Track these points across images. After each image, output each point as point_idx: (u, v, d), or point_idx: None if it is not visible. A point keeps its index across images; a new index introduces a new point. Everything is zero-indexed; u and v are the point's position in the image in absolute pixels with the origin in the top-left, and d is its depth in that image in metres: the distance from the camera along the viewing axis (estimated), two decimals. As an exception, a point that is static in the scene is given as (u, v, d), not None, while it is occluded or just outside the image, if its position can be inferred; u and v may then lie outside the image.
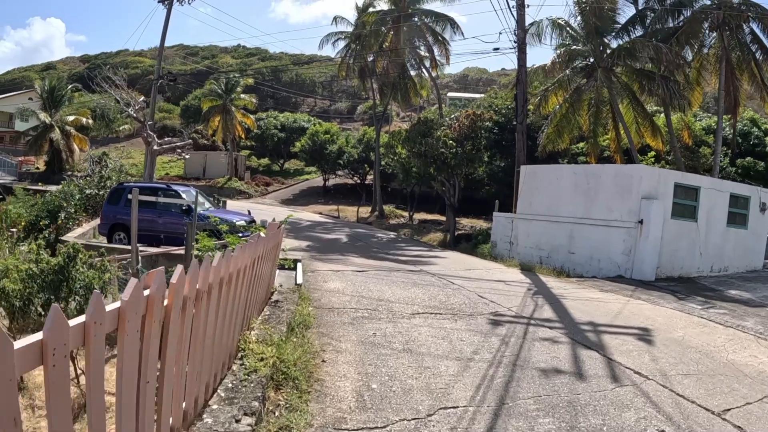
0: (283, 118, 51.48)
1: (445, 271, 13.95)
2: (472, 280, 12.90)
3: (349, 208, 33.87)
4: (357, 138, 42.44)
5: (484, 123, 24.26)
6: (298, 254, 15.14)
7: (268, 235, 6.96)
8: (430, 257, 17.01)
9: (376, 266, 14.02)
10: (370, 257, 15.64)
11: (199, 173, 44.40)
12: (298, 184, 45.44)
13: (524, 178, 19.15)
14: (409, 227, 28.58)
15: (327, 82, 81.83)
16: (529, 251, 18.32)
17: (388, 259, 15.71)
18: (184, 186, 16.29)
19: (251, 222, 14.34)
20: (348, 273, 12.39)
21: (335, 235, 21.49)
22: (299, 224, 24.98)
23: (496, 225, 19.98)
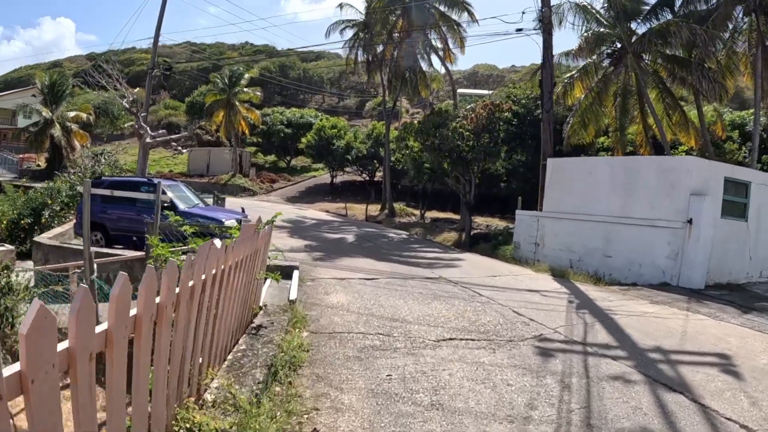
0: (290, 113, 49.51)
1: (467, 278, 11.96)
2: (500, 290, 10.89)
3: (357, 206, 31.88)
4: (366, 133, 40.44)
5: (503, 114, 22.20)
6: (298, 257, 13.19)
7: (240, 238, 4.98)
8: (447, 260, 14.99)
9: (387, 272, 12.01)
10: (380, 260, 13.64)
11: (203, 170, 42.57)
12: (305, 182, 43.49)
13: (551, 173, 17.11)
14: (421, 226, 26.56)
15: (335, 78, 79.88)
16: (557, 254, 16.32)
17: (400, 262, 13.71)
18: (171, 181, 14.33)
19: (243, 221, 12.39)
20: (355, 282, 10.39)
21: (342, 234, 19.51)
22: (304, 222, 23.01)
23: (520, 224, 17.96)
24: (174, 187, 12.85)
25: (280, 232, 18.57)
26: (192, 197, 13.16)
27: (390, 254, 15.17)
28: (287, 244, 15.41)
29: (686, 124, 22.85)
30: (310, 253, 13.94)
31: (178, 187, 13.08)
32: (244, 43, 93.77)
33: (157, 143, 21.19)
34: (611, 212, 15.02)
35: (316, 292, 9.06)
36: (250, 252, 5.59)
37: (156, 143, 21.11)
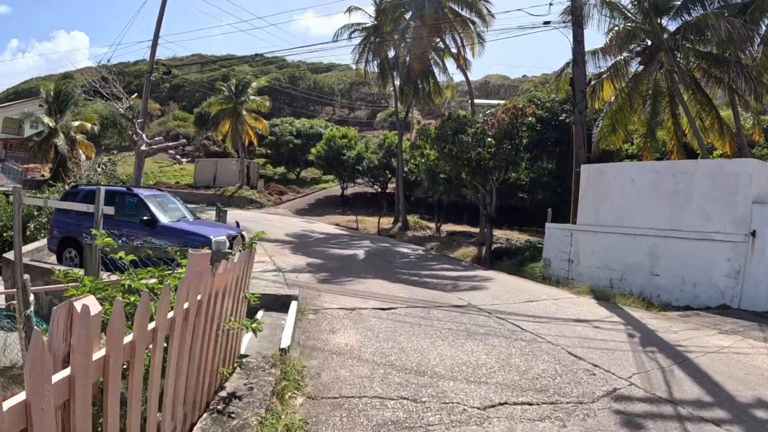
0: (299, 124, 47.88)
1: (500, 305, 10.05)
2: (543, 321, 8.97)
3: (368, 219, 30.01)
4: (377, 143, 38.66)
5: (527, 119, 20.30)
6: (301, 279, 11.31)
7: (193, 271, 3.14)
8: (472, 281, 13.04)
9: (405, 298, 10.10)
10: (396, 282, 11.72)
11: (209, 181, 40.97)
12: (315, 193, 41.74)
13: (587, 181, 15.19)
14: (437, 240, 24.61)
15: (346, 89, 78.48)
16: (594, 272, 14.39)
17: (419, 284, 11.79)
18: (156, 190, 12.51)
19: (236, 237, 10.56)
20: (367, 313, 8.49)
21: (352, 250, 17.62)
22: (310, 237, 21.17)
23: (550, 239, 16.03)
24: (157, 197, 11.04)
25: (283, 248, 16.72)
26: (180, 210, 11.36)
27: (406, 274, 13.26)
28: (289, 263, 13.56)
29: (722, 128, 20.84)
30: (315, 274, 12.06)
31: (163, 198, 11.29)
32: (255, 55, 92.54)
33: (154, 151, 19.52)
34: (658, 224, 13.15)
35: (318, 330, 7.17)
36: (219, 287, 3.73)
37: (152, 151, 19.44)
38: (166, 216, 10.46)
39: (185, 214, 11.30)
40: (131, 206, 10.51)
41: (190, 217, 11.25)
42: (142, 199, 10.40)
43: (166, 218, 10.38)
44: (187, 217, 11.12)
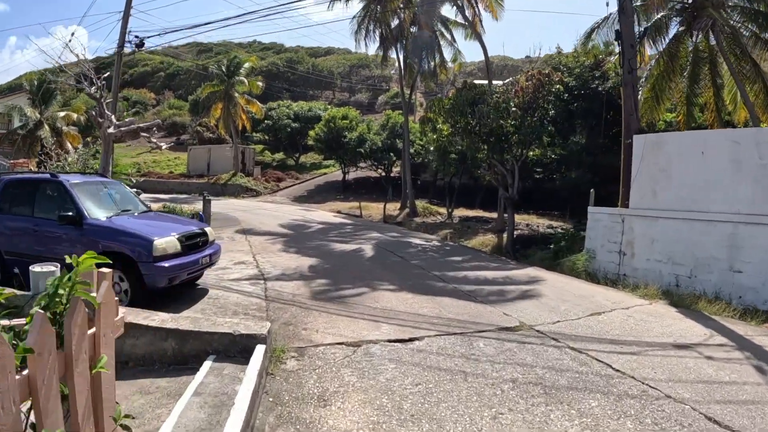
0: (297, 107, 44.57)
1: (563, 323, 7.15)
2: (634, 351, 6.16)
3: (372, 205, 26.94)
4: (380, 123, 35.40)
5: (553, 86, 17.16)
6: (287, 289, 8.31)
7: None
8: (512, 284, 10.01)
9: (432, 316, 7.10)
10: (415, 291, 8.70)
11: (203, 169, 37.87)
12: (314, 179, 38.60)
13: (642, 154, 12.09)
14: (450, 227, 21.58)
15: (345, 73, 74.99)
16: (655, 266, 11.37)
17: (447, 292, 8.77)
18: (99, 177, 9.47)
19: (196, 236, 7.56)
20: (380, 352, 5.48)
21: (356, 243, 14.57)
22: (308, 227, 18.14)
23: (594, 226, 13.03)
24: (91, 186, 8.02)
25: (274, 243, 13.70)
26: (127, 201, 8.35)
27: (427, 276, 10.23)
28: (278, 264, 10.54)
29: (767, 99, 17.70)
30: (308, 282, 9.03)
31: (102, 187, 8.27)
32: (252, 41, 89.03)
33: (122, 134, 16.44)
34: (738, 207, 10.10)
35: (300, 398, 4.18)
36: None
37: (120, 134, 16.36)
38: (100, 210, 7.46)
39: (132, 206, 8.30)
40: (53, 199, 7.52)
41: (138, 211, 8.24)
42: (66, 188, 7.39)
43: (101, 213, 7.38)
44: (133, 211, 8.12)
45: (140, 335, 5.26)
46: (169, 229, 7.24)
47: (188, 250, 7.19)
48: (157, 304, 7.03)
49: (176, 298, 7.48)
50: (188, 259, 7.08)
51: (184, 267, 6.98)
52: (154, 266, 6.60)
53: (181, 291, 7.74)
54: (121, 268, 6.81)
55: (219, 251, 8.22)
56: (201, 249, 7.54)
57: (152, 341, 5.18)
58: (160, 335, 5.11)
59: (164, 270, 6.65)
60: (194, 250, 7.35)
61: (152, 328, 5.14)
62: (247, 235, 14.80)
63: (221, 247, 8.48)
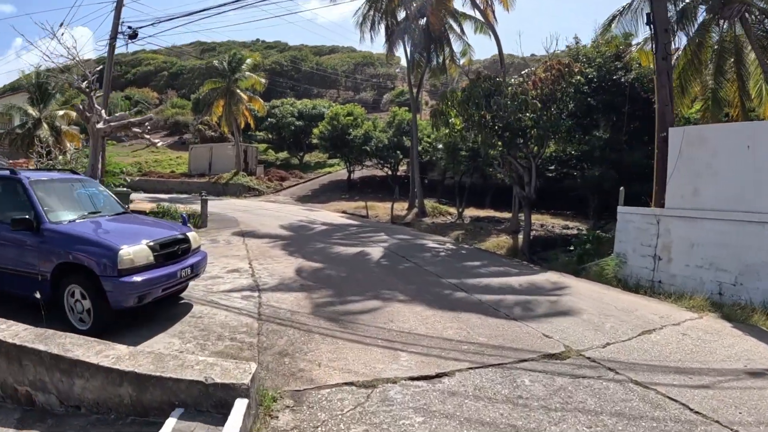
0: (301, 105, 43.29)
1: (614, 346, 5.96)
2: (706, 383, 4.93)
3: (379, 205, 25.64)
4: (386, 121, 34.09)
5: (573, 77, 15.84)
6: (284, 305, 7.03)
7: None
8: (542, 294, 8.69)
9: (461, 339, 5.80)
10: (434, 305, 7.40)
11: (205, 168, 36.64)
12: (319, 178, 37.30)
13: (680, 149, 10.76)
14: (461, 228, 20.30)
15: (350, 71, 73.65)
16: (695, 273, 10.07)
17: (470, 307, 7.45)
18: (68, 174, 8.16)
19: (175, 243, 6.27)
20: (400, 397, 4.17)
21: (364, 246, 13.24)
22: (311, 229, 16.84)
23: (625, 228, 11.72)
24: (56, 183, 6.76)
25: (274, 246, 12.41)
26: (100, 203, 7.08)
27: (444, 285, 8.93)
28: (276, 272, 9.25)
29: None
30: (311, 293, 7.73)
31: (70, 185, 7.00)
32: (255, 40, 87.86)
33: (112, 129, 15.19)
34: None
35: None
36: None
37: (110, 129, 15.12)
38: (64, 213, 6.21)
39: (106, 208, 7.02)
40: (9, 199, 6.27)
41: (113, 213, 6.96)
42: (25, 186, 6.14)
43: (64, 216, 6.13)
44: (107, 213, 6.85)
45: (91, 376, 4.00)
46: (142, 235, 5.95)
47: (164, 260, 5.91)
48: (127, 325, 5.78)
49: (152, 316, 6.22)
50: (163, 272, 5.79)
51: (158, 282, 5.69)
52: (120, 282, 5.32)
53: (160, 306, 6.48)
54: (82, 282, 5.56)
55: (204, 260, 6.93)
56: (181, 258, 6.24)
57: (105, 385, 3.92)
58: (113, 378, 3.85)
59: (132, 286, 5.37)
60: (172, 260, 6.06)
61: (104, 369, 3.88)
62: (244, 238, 13.52)
63: (207, 255, 7.18)
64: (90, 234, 5.69)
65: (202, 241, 13.54)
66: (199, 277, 7.00)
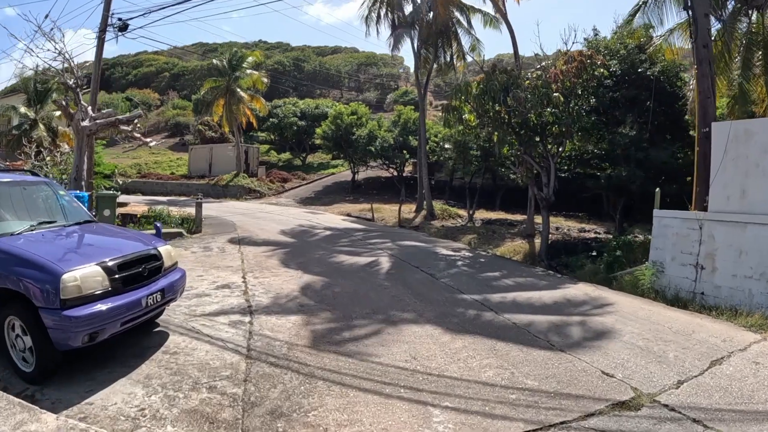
0: (303, 104, 41.99)
1: (692, 389, 4.45)
2: None
3: (385, 207, 24.33)
4: (391, 120, 32.77)
5: (596, 70, 14.52)
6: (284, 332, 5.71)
7: None
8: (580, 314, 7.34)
9: (508, 394, 4.44)
10: (460, 329, 6.08)
11: (205, 170, 35.36)
12: (322, 180, 36.00)
13: (726, 146, 9.43)
14: (472, 231, 18.94)
15: (353, 72, 72.37)
16: (742, 284, 8.79)
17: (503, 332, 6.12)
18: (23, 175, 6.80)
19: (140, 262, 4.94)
20: None
21: (371, 255, 11.91)
22: (313, 233, 15.53)
23: (662, 234, 10.40)
24: (3, 187, 5.46)
25: (272, 255, 11.09)
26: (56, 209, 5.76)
27: (467, 303, 7.60)
28: (273, 287, 7.93)
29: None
30: (310, 318, 6.38)
31: (23, 189, 5.70)
32: (258, 41, 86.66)
33: (99, 127, 13.93)
34: None
35: None
36: None
37: (97, 127, 13.86)
38: (3, 222, 4.93)
39: (63, 216, 5.72)
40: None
41: (71, 222, 5.66)
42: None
43: (4, 227, 4.85)
44: (63, 222, 5.55)
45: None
46: (98, 252, 4.64)
47: (126, 284, 4.60)
48: (82, 365, 4.50)
49: (116, 350, 4.93)
50: (123, 301, 4.48)
51: (116, 314, 4.36)
52: (63, 316, 4.01)
53: (129, 335, 5.19)
54: (21, 314, 4.28)
55: (182, 280, 5.61)
56: (149, 281, 4.92)
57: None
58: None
59: (78, 322, 4.06)
60: (137, 283, 4.74)
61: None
62: (241, 246, 12.21)
63: (185, 274, 5.85)
64: (29, 252, 4.38)
65: (194, 248, 12.29)
66: (175, 301, 5.71)
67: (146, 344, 5.24)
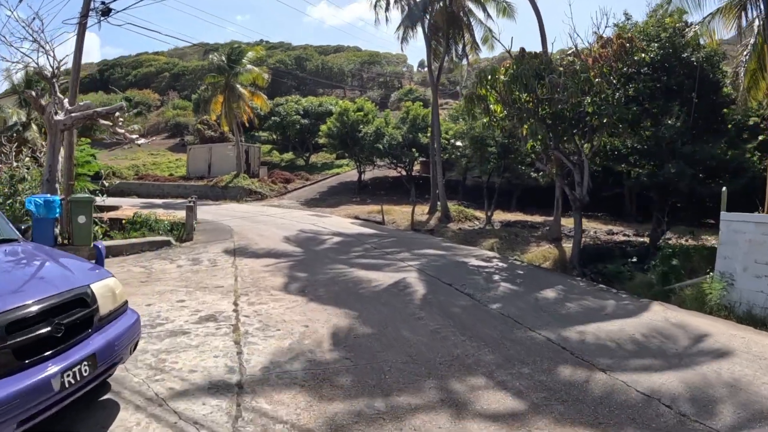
0: (306, 102, 40.00)
1: None
2: None
3: (395, 209, 22.35)
4: (399, 116, 30.81)
5: (636, 54, 12.60)
6: (280, 415, 3.68)
7: None
8: (690, 355, 5.35)
9: None
10: (564, 416, 4.16)
11: (204, 171, 33.42)
12: (326, 180, 34.04)
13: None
14: (493, 236, 16.98)
15: (356, 71, 70.38)
16: None
17: (626, 412, 4.19)
18: None
19: (59, 311, 3.00)
20: None
21: (392, 270, 9.86)
22: (322, 242, 13.58)
23: (732, 240, 8.55)
24: None
25: (274, 272, 9.09)
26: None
27: (542, 347, 5.55)
28: (270, 324, 5.91)
29: None
30: (324, 390, 4.32)
31: None
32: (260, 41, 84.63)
33: (75, 121, 12.01)
34: None
35: None
36: None
37: (72, 121, 11.95)
38: None
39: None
40: None
41: None
42: None
43: None
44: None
45: None
46: None
47: (21, 357, 2.70)
48: None
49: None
50: (13, 389, 2.57)
51: None
52: None
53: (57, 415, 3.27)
54: None
55: (129, 334, 3.59)
56: (69, 344, 3.01)
57: None
58: None
59: None
60: (45, 351, 2.84)
61: None
62: (236, 257, 10.28)
63: (138, 321, 3.88)
64: None
65: (181, 260, 10.32)
66: (122, 363, 3.79)
67: (78, 427, 3.34)
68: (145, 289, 7.51)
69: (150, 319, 5.89)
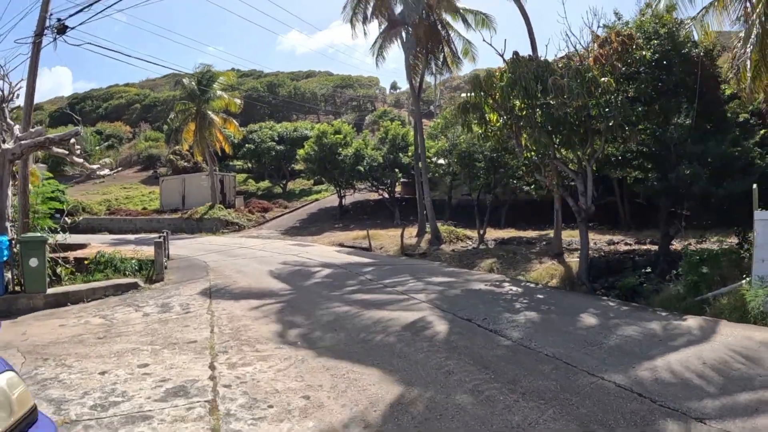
0: (281, 128, 38.63)
1: None
2: None
3: (381, 233, 20.95)
4: (378, 137, 29.64)
5: (637, 52, 11.66)
6: None
7: None
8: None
9: None
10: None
11: (178, 203, 31.66)
12: (306, 206, 32.53)
13: None
14: (490, 255, 15.71)
15: (329, 95, 69.43)
16: None
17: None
18: None
19: None
20: None
21: (397, 308, 8.39)
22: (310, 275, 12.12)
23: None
24: None
25: (258, 318, 7.60)
26: None
27: (627, 410, 4.31)
28: (257, 396, 4.36)
29: None
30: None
31: None
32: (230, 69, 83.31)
33: (25, 149, 10.48)
34: None
35: None
36: None
37: (22, 149, 10.43)
38: None
39: None
40: None
41: None
42: None
43: None
44: None
45: None
46: None
47: None
48: None
49: None
50: None
51: None
52: None
53: None
54: None
55: None
56: None
57: None
58: None
59: None
60: None
61: None
62: (213, 300, 8.79)
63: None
64: None
65: (148, 307, 8.80)
66: None
67: None
68: (101, 350, 6.01)
69: (101, 396, 4.43)
